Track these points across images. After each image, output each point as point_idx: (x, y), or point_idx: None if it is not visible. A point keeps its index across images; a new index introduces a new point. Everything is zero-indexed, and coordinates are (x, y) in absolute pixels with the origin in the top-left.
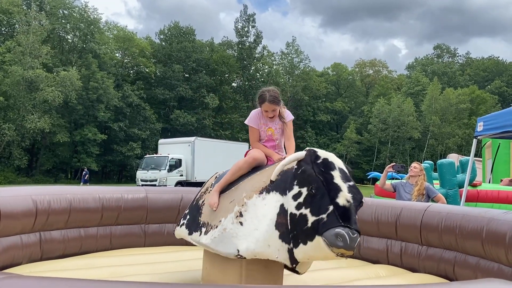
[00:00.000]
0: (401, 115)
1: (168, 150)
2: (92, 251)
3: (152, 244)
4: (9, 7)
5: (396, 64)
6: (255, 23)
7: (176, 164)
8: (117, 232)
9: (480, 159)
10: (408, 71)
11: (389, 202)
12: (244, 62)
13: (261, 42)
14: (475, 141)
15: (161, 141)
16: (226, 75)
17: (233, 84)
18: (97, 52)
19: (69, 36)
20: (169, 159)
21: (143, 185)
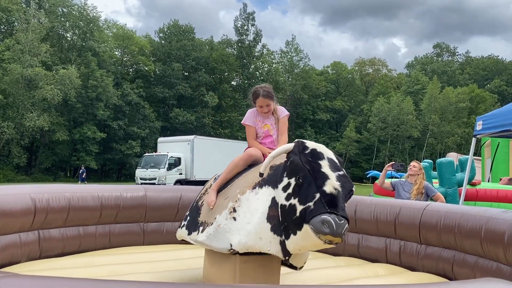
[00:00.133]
0: (400, 114)
1: (168, 149)
2: (91, 249)
3: (151, 242)
4: (8, 5)
5: (396, 63)
6: (255, 22)
7: (176, 163)
8: (116, 230)
9: (479, 158)
10: (407, 70)
11: (388, 201)
12: (244, 61)
13: (260, 40)
14: (474, 140)
15: (160, 139)
16: (226, 74)
17: (232, 82)
18: (96, 50)
19: (68, 34)
20: (168, 158)
21: (142, 183)
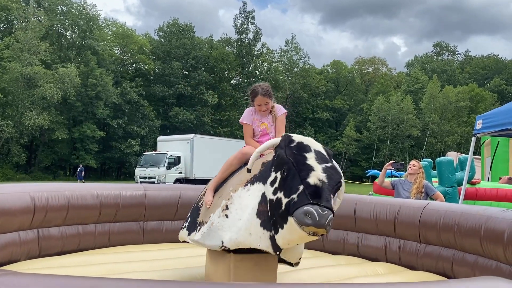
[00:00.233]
0: (400, 113)
1: (167, 147)
2: (90, 248)
3: (151, 241)
4: (7, 3)
5: (396, 61)
6: (255, 20)
7: (175, 161)
8: (115, 229)
9: (479, 157)
10: (407, 68)
11: (387, 200)
12: (244, 59)
13: (260, 39)
14: (474, 139)
15: (160, 138)
16: (225, 72)
17: (232, 81)
18: (96, 48)
19: (67, 33)
20: (168, 156)
21: (141, 182)
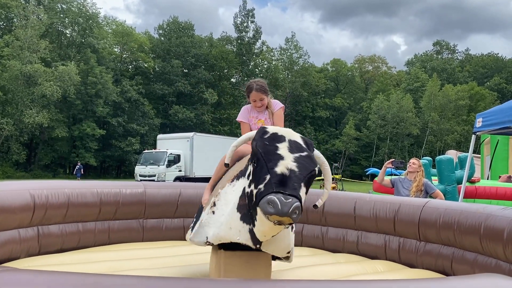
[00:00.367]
0: (400, 112)
1: (167, 146)
2: (90, 245)
3: (150, 239)
4: (7, 1)
5: (395, 60)
6: (254, 19)
7: (175, 160)
8: (115, 226)
9: (478, 155)
10: (407, 67)
11: (387, 198)
12: (243, 58)
13: (260, 37)
14: (474, 137)
15: (159, 136)
16: (225, 71)
17: (232, 79)
18: (95, 46)
19: (67, 31)
20: (167, 155)
21: (141, 180)
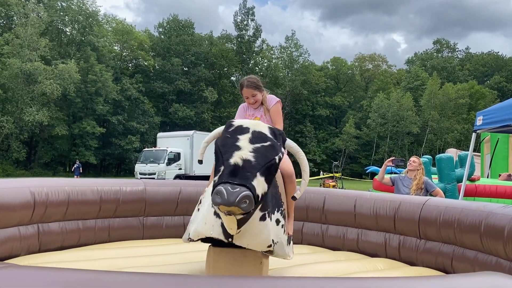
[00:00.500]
0: (400, 110)
1: (167, 144)
2: (90, 243)
3: (151, 236)
4: None
5: (396, 58)
6: (255, 17)
7: (175, 158)
8: (115, 224)
9: (478, 154)
10: (407, 65)
11: (387, 195)
12: (243, 56)
13: (260, 35)
14: (474, 135)
15: (159, 134)
16: (225, 69)
17: (232, 78)
18: (95, 45)
19: (67, 29)
20: (167, 153)
21: (141, 178)
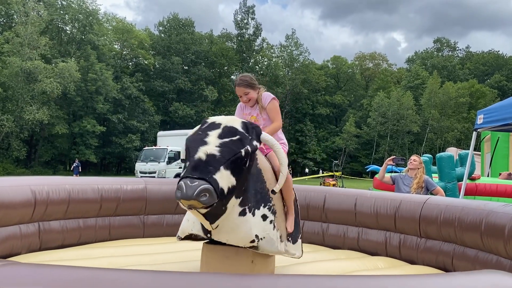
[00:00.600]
0: (400, 109)
1: (167, 143)
2: (91, 241)
3: (151, 235)
4: None
5: (396, 57)
6: (255, 15)
7: (175, 157)
8: (116, 223)
9: (478, 153)
10: (408, 64)
11: (388, 194)
12: (243, 55)
13: (260, 34)
14: (475, 134)
15: (160, 133)
16: (225, 68)
17: (232, 76)
18: (95, 43)
19: (67, 27)
20: (168, 152)
21: (142, 177)
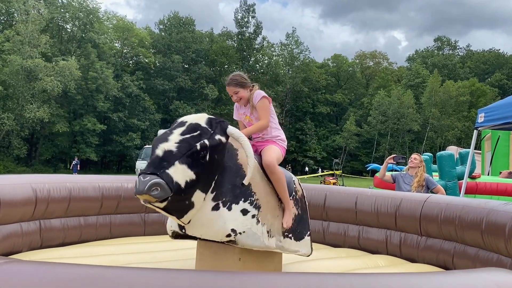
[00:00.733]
0: (400, 107)
1: None
2: (92, 239)
3: (152, 233)
4: None
5: (396, 56)
6: (255, 14)
7: None
8: (116, 221)
9: (479, 151)
10: (408, 63)
11: (389, 193)
12: (244, 53)
13: (261, 33)
14: (475, 132)
15: (160, 131)
16: (226, 66)
17: None
18: (96, 41)
19: (68, 26)
20: None
21: None
